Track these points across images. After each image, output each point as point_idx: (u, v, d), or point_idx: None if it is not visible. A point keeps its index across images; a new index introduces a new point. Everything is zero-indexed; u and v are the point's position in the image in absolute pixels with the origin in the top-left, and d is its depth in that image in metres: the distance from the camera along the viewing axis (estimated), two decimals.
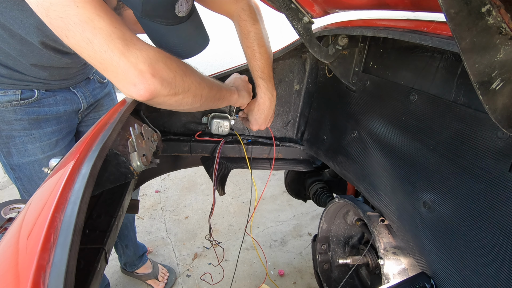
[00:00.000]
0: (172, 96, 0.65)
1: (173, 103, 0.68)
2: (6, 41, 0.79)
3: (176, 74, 0.65)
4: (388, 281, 0.74)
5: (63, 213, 0.38)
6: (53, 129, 1.01)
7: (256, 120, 0.98)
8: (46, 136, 0.99)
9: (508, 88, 0.39)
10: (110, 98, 1.25)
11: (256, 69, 0.92)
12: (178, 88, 0.66)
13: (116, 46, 0.56)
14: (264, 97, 0.94)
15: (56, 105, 1.00)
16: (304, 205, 2.31)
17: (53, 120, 1.00)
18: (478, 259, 0.54)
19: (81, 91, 1.08)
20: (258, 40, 0.89)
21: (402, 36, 0.59)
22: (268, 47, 0.92)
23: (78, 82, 1.07)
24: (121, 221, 0.70)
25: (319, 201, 1.28)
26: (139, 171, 0.63)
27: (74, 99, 1.06)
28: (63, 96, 1.01)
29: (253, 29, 0.88)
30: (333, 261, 1.11)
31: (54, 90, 0.99)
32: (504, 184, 0.50)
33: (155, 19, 0.67)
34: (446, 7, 0.33)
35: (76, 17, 0.53)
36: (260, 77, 0.92)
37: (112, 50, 0.56)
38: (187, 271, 1.76)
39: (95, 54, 0.56)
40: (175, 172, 2.64)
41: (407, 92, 0.71)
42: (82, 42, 0.55)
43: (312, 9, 0.78)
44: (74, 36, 0.54)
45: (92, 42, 0.55)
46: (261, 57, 0.90)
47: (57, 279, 0.31)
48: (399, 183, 0.73)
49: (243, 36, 0.90)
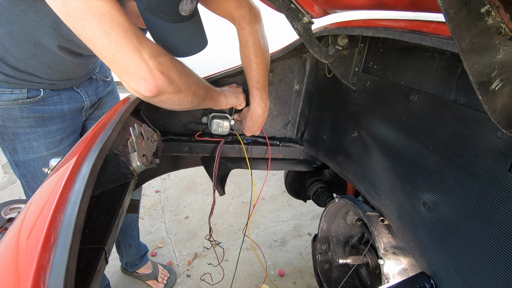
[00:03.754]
0: (176, 94, 0.69)
1: (175, 101, 0.71)
2: (20, 45, 0.82)
3: (180, 73, 0.69)
4: (388, 281, 0.74)
5: (63, 213, 0.38)
6: (58, 127, 1.04)
7: (249, 128, 1.03)
8: (50, 133, 1.02)
9: (507, 88, 0.39)
10: (113, 96, 1.28)
11: (251, 79, 0.93)
12: (182, 86, 0.70)
13: (132, 41, 0.59)
14: (257, 107, 0.97)
15: (61, 103, 1.03)
16: (304, 205, 2.31)
17: (57, 118, 1.03)
18: (478, 259, 0.54)
19: (84, 90, 1.10)
20: (256, 50, 0.90)
21: (402, 36, 0.59)
22: (265, 57, 0.93)
23: (82, 82, 1.10)
24: (121, 221, 0.70)
25: (319, 201, 1.28)
26: (139, 171, 0.63)
27: (78, 98, 1.08)
28: (68, 95, 1.04)
29: (251, 39, 0.89)
30: (333, 261, 1.11)
31: (59, 89, 1.01)
32: (504, 184, 0.50)
33: (158, 14, 0.68)
34: (446, 7, 0.33)
35: (95, 9, 0.56)
36: (254, 87, 0.94)
37: (128, 44, 0.59)
38: (187, 271, 1.76)
39: (110, 46, 0.58)
40: (175, 172, 2.64)
41: (407, 92, 0.71)
42: (99, 33, 0.57)
43: (312, 9, 0.78)
44: (91, 27, 0.56)
45: (109, 34, 0.57)
46: (257, 67, 0.91)
47: (57, 279, 0.31)
48: (399, 183, 0.73)
49: (242, 45, 0.91)
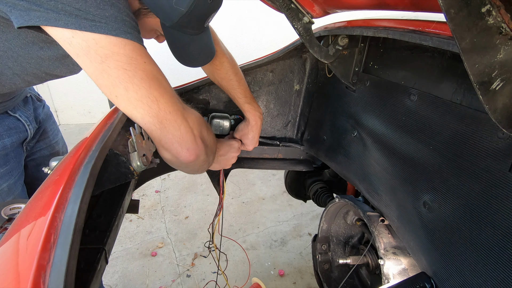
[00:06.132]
0: (205, 162, 0.69)
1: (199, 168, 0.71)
2: None
3: (210, 138, 0.70)
4: (388, 281, 0.74)
5: (63, 213, 0.38)
6: (2, 172, 0.80)
7: (251, 141, 1.01)
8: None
9: (508, 88, 0.39)
10: (52, 121, 1.08)
11: (239, 97, 0.93)
12: (209, 155, 0.70)
13: (178, 109, 0.57)
14: (255, 118, 0.97)
15: (1, 137, 0.79)
16: (304, 205, 2.31)
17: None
18: (478, 259, 0.54)
19: (23, 114, 0.87)
20: (233, 69, 0.90)
21: (402, 36, 0.59)
22: (241, 72, 0.94)
23: (17, 103, 0.87)
24: (121, 221, 0.70)
25: (319, 201, 1.28)
26: (139, 171, 0.63)
27: (19, 127, 0.85)
28: (5, 125, 0.81)
29: (225, 59, 0.89)
30: (333, 261, 1.11)
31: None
32: (504, 184, 0.50)
33: (185, 29, 0.64)
34: (446, 7, 0.33)
35: (144, 73, 0.52)
36: (246, 103, 0.94)
37: (176, 112, 0.57)
38: (187, 271, 1.76)
39: (158, 113, 0.55)
40: (175, 172, 2.63)
41: (407, 92, 0.71)
42: (147, 99, 0.53)
43: (312, 9, 0.78)
44: (137, 90, 0.52)
45: (158, 101, 0.54)
46: (239, 84, 0.92)
47: (57, 279, 0.31)
48: (399, 183, 0.73)
49: (215, 68, 0.89)
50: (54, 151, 1.07)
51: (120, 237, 1.99)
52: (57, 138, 1.10)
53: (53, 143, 1.07)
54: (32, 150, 0.96)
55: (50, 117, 1.05)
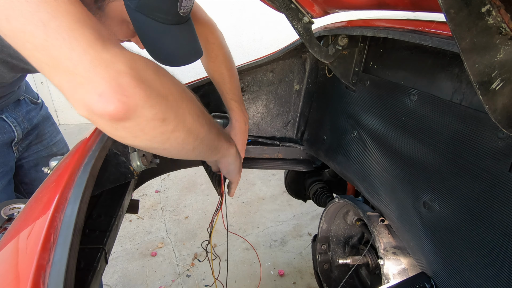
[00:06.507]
0: (158, 122, 0.44)
1: (157, 135, 0.45)
2: None
3: (169, 92, 0.45)
4: (388, 281, 0.74)
5: (63, 213, 0.38)
6: None
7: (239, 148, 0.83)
8: None
9: (508, 88, 0.39)
10: (50, 123, 1.05)
11: (227, 92, 0.90)
12: (169, 112, 0.45)
13: (84, 35, 0.38)
14: (240, 119, 0.92)
15: None
16: (304, 205, 2.31)
17: None
18: (478, 259, 0.54)
19: (11, 116, 0.86)
20: (226, 63, 0.89)
21: (402, 36, 0.59)
22: (235, 69, 0.92)
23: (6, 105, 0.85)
24: (121, 221, 0.70)
25: (319, 201, 1.28)
26: (139, 171, 0.63)
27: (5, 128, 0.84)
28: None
29: (221, 53, 0.87)
30: (333, 261, 1.11)
31: None
32: (504, 184, 0.50)
33: (154, 13, 0.54)
34: (446, 7, 0.33)
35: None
36: (233, 100, 0.91)
37: (76, 40, 0.37)
38: (187, 271, 1.76)
39: (46, 42, 0.37)
40: (175, 172, 2.63)
41: (407, 92, 0.71)
42: (30, 25, 0.36)
43: (312, 9, 0.78)
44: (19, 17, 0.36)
45: (46, 25, 0.36)
46: (230, 80, 0.89)
47: (57, 279, 0.31)
48: (399, 183, 0.73)
49: (210, 60, 0.87)
50: (52, 152, 1.07)
51: (120, 237, 1.99)
52: (56, 140, 1.09)
53: (51, 144, 1.07)
54: (27, 151, 0.96)
55: (47, 119, 1.04)
